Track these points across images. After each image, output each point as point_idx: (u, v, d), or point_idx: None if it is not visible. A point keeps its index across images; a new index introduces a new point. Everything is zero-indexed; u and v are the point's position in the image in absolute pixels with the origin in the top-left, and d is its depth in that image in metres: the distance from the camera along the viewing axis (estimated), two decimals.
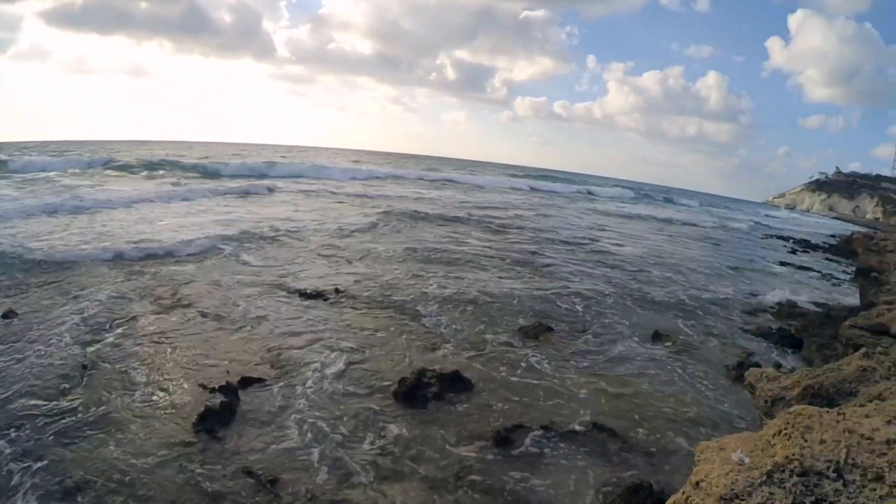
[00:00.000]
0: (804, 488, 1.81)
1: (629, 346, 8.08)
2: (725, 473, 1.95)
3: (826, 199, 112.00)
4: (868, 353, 4.82)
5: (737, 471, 1.94)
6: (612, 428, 5.45)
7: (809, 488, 1.82)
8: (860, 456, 1.88)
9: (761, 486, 1.83)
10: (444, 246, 14.38)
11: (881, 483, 1.80)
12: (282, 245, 12.68)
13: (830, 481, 1.83)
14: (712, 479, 1.96)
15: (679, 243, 22.37)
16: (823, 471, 1.86)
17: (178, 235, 12.33)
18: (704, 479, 1.99)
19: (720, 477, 1.94)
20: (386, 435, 5.13)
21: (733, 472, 1.93)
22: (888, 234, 41.42)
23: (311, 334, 7.38)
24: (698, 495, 1.96)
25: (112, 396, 5.40)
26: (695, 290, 12.62)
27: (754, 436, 2.17)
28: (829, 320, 10.24)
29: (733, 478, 1.89)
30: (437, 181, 42.18)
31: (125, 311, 7.59)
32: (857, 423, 2.02)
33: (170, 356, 6.44)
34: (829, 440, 1.94)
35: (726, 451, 2.09)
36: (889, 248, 25.01)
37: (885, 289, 13.76)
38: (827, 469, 1.85)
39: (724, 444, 2.17)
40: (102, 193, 17.92)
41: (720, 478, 1.93)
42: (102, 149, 41.00)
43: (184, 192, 20.17)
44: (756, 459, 1.97)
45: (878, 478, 1.82)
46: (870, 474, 1.84)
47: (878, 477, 1.82)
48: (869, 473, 1.84)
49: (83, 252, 10.11)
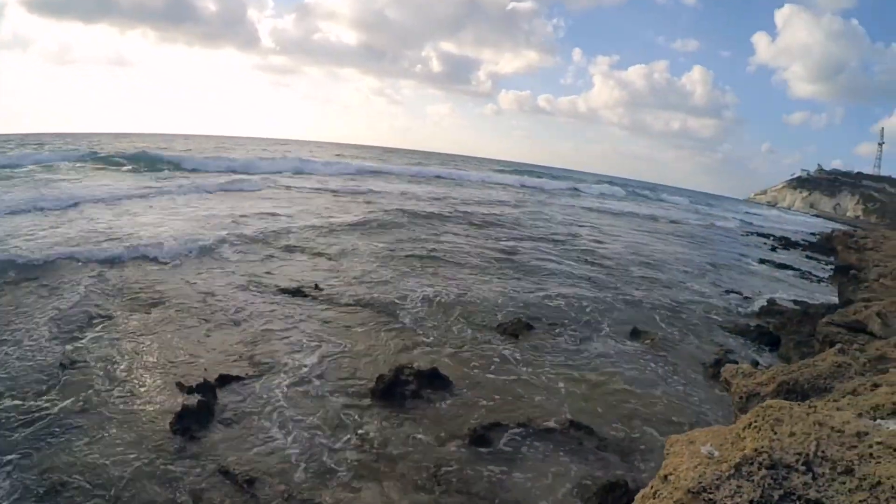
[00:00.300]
0: (773, 481, 1.78)
1: (607, 343, 8.09)
2: (694, 467, 1.91)
3: (807, 197, 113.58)
4: (843, 350, 4.84)
5: (705, 464, 1.90)
6: (588, 425, 5.44)
7: (778, 481, 1.78)
8: (830, 449, 1.86)
9: (729, 480, 1.80)
10: (426, 244, 14.29)
11: (851, 476, 1.78)
12: (263, 243, 12.50)
13: (799, 474, 1.80)
14: (680, 473, 1.92)
15: (661, 240, 22.53)
16: (792, 464, 1.82)
17: (157, 233, 11.99)
18: (673, 473, 1.96)
19: (688, 470, 1.91)
20: (364, 433, 5.08)
21: (702, 466, 1.90)
22: (868, 231, 42.10)
23: (290, 332, 7.29)
24: (666, 489, 1.92)
25: (89, 397, 5.30)
26: (674, 288, 12.70)
27: (724, 429, 2.14)
28: (807, 318, 10.30)
29: (701, 471, 1.86)
30: (424, 177, 41.75)
31: (103, 311, 7.42)
32: (827, 416, 1.99)
33: (147, 355, 6.33)
34: (799, 433, 1.91)
35: (696, 444, 2.06)
36: (868, 246, 25.42)
37: (864, 286, 13.96)
38: (796, 462, 1.82)
39: (694, 437, 2.14)
40: (82, 189, 17.31)
41: (688, 471, 1.90)
42: (84, 141, 40.20)
43: (164, 188, 19.58)
44: (725, 453, 1.94)
45: (847, 471, 1.79)
46: (839, 467, 1.81)
47: (848, 470, 1.79)
48: (839, 466, 1.81)
49: (60, 251, 9.73)
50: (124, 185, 19.85)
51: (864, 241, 28.84)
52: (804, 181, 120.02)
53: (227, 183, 22.82)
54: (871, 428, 1.99)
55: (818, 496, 1.73)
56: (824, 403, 2.17)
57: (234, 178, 24.53)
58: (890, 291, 11.76)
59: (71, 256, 9.61)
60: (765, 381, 4.25)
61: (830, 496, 1.73)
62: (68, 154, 28.04)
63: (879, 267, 16.03)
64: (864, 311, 7.82)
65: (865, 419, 2.06)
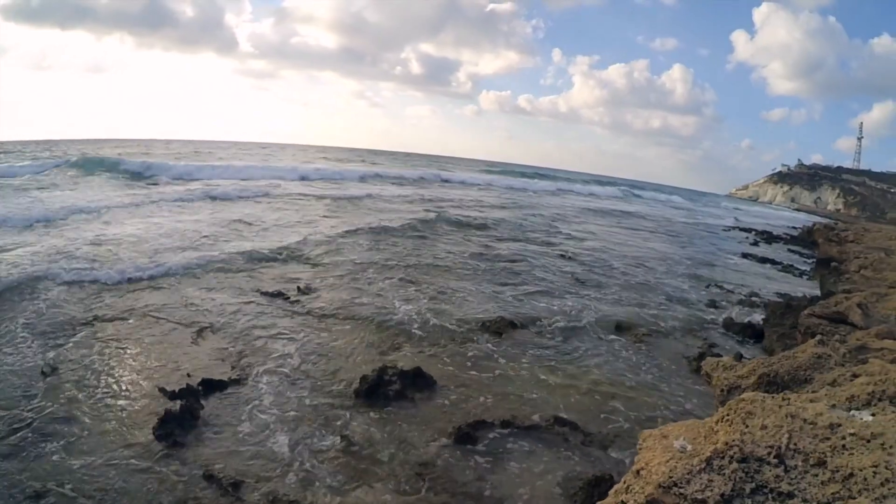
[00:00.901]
0: (744, 475, 1.78)
1: (591, 339, 8.11)
2: (666, 461, 1.91)
3: (788, 191, 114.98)
4: (822, 341, 4.89)
5: (677, 458, 1.90)
6: (573, 421, 5.45)
7: (749, 474, 1.78)
8: (802, 441, 1.86)
9: (700, 474, 1.79)
10: (411, 244, 14.26)
11: (823, 468, 1.78)
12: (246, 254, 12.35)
13: (771, 467, 1.80)
14: (652, 467, 1.92)
15: (643, 237, 22.65)
16: (764, 456, 1.82)
17: (133, 249, 11.14)
18: (645, 468, 1.95)
19: (660, 465, 1.90)
20: (348, 435, 5.05)
21: (673, 460, 1.89)
22: (848, 224, 42.64)
23: (273, 334, 7.23)
24: (638, 483, 1.91)
25: (70, 404, 5.22)
26: (657, 283, 12.77)
27: (698, 423, 2.14)
28: (789, 310, 10.38)
29: (672, 465, 1.85)
30: (408, 180, 41.25)
31: (83, 319, 7.28)
32: (800, 408, 2.00)
33: (130, 361, 6.26)
34: (771, 426, 1.91)
35: (669, 438, 2.05)
36: (849, 239, 25.71)
37: (845, 278, 14.13)
38: (768, 455, 1.82)
39: (667, 431, 2.14)
40: (55, 200, 16.21)
41: (660, 465, 1.90)
42: (60, 149, 39.38)
43: (144, 197, 18.52)
44: (698, 447, 1.94)
45: (820, 463, 1.80)
46: (812, 459, 1.81)
47: (821, 462, 1.80)
48: (811, 458, 1.82)
49: (28, 271, 8.93)
50: (93, 196, 18.24)
51: (844, 233, 29.18)
52: (785, 176, 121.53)
53: (208, 191, 21.41)
54: (845, 419, 1.99)
55: (790, 489, 1.73)
56: (797, 396, 2.17)
57: (210, 185, 23.45)
58: (870, 282, 11.91)
59: (42, 277, 8.74)
60: (745, 373, 4.28)
61: (803, 489, 1.73)
62: (47, 163, 26.68)
63: (860, 258, 16.21)
64: (845, 303, 7.89)
65: (839, 410, 2.07)
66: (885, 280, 11.78)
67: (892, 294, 9.73)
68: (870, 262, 15.08)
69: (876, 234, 26.98)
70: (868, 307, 7.78)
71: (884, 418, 2.06)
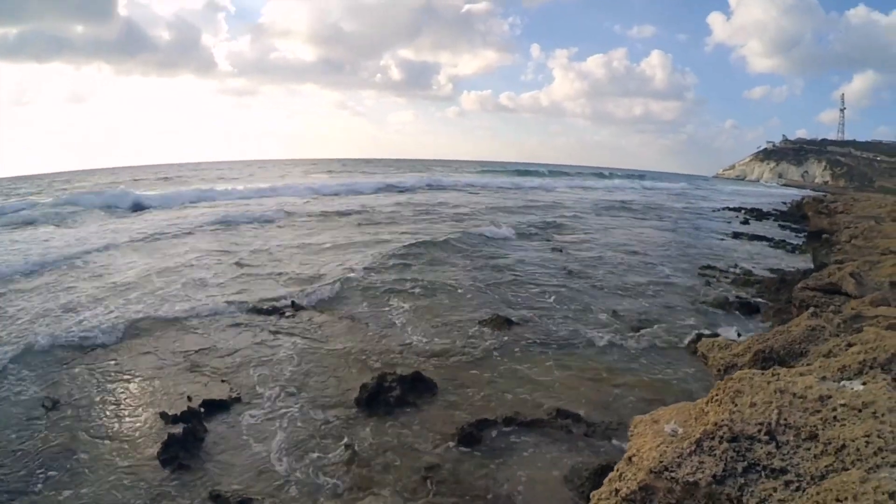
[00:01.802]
0: (735, 454, 1.78)
1: (588, 329, 8.11)
2: (657, 446, 1.91)
3: (775, 167, 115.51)
4: (816, 313, 4.91)
5: (668, 442, 1.90)
6: (576, 413, 5.44)
7: (741, 453, 1.78)
8: (792, 416, 1.86)
9: (691, 456, 1.79)
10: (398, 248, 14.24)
11: (815, 441, 1.78)
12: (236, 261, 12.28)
13: (762, 444, 1.80)
14: (643, 453, 1.92)
15: (634, 222, 22.71)
16: (755, 434, 1.83)
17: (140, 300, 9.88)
18: (636, 454, 1.96)
19: (651, 450, 1.90)
20: (352, 444, 5.03)
21: (664, 445, 1.89)
22: (837, 196, 42.90)
23: (270, 350, 7.20)
24: (630, 470, 1.92)
25: (75, 435, 5.19)
26: (650, 268, 12.80)
27: (689, 406, 2.14)
28: (784, 285, 10.45)
29: (663, 450, 1.85)
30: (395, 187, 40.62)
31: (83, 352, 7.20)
32: (789, 383, 2.00)
33: (129, 390, 6.21)
34: (760, 402, 1.91)
35: (660, 423, 2.05)
36: (839, 210, 25.90)
37: (836, 249, 14.23)
38: (758, 432, 1.83)
39: (658, 416, 2.14)
40: (50, 242, 14.79)
41: (651, 451, 1.90)
42: (44, 183, 39.10)
43: (146, 230, 16.80)
44: (689, 429, 1.94)
45: (811, 436, 1.80)
46: (803, 433, 1.81)
47: (812, 435, 1.80)
48: (802, 433, 1.82)
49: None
50: (105, 231, 17.22)
51: (834, 205, 29.43)
52: (770, 153, 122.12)
53: (196, 221, 19.33)
54: (835, 390, 2.00)
55: (783, 465, 1.73)
56: (787, 370, 2.17)
57: (196, 212, 22.13)
58: (862, 251, 12.00)
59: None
60: (741, 351, 4.30)
61: (796, 464, 1.73)
62: (24, 204, 24.11)
63: (850, 229, 16.34)
64: (838, 273, 7.95)
65: (829, 382, 2.07)
66: (877, 248, 11.87)
67: (885, 261, 9.80)
68: (860, 231, 15.18)
69: (865, 203, 27.19)
70: (861, 276, 7.83)
71: (875, 386, 2.06)
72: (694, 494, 1.73)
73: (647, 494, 1.80)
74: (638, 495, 1.82)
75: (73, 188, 31.97)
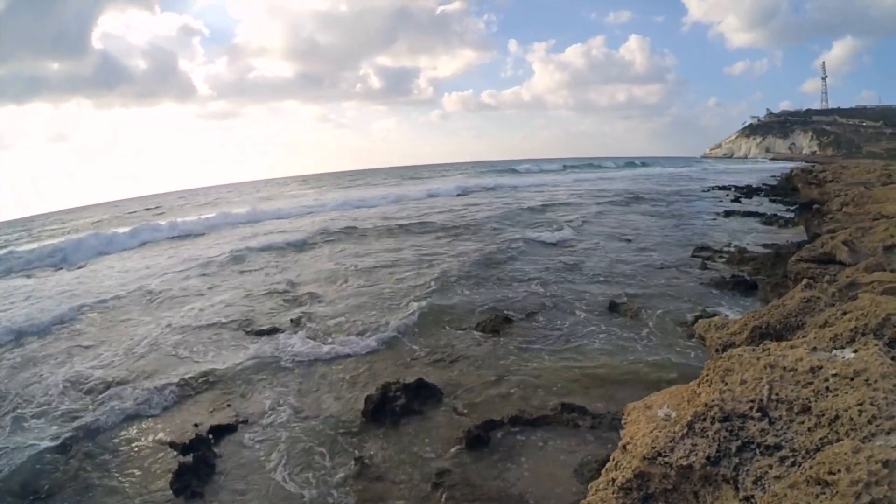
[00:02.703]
0: (728, 433, 1.78)
1: (586, 321, 8.12)
2: (650, 432, 1.90)
3: (762, 142, 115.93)
4: (810, 284, 4.90)
5: (661, 427, 1.90)
6: (581, 405, 5.44)
7: (734, 432, 1.78)
8: (784, 390, 1.86)
9: (683, 439, 1.79)
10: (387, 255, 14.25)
11: (808, 414, 1.78)
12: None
13: (755, 421, 1.80)
14: (637, 440, 1.92)
15: (622, 207, 22.81)
16: (747, 412, 1.82)
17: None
18: (630, 441, 1.95)
19: (644, 436, 1.90)
20: (361, 457, 5.03)
21: (657, 430, 1.89)
22: (826, 165, 43.01)
23: (272, 369, 7.19)
24: (625, 458, 1.92)
25: (85, 472, 5.21)
26: (644, 253, 12.85)
27: (682, 388, 2.14)
28: (779, 259, 10.47)
29: (655, 435, 1.85)
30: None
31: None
32: (779, 357, 2.00)
33: (139, 423, 6.17)
34: (751, 379, 1.91)
35: (653, 408, 2.05)
36: (828, 179, 25.97)
37: (828, 218, 14.23)
38: (750, 409, 1.82)
39: (651, 401, 2.14)
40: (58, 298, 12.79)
41: (644, 437, 1.89)
42: (36, 225, 38.83)
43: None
44: (682, 412, 1.93)
45: (804, 409, 1.80)
46: (796, 407, 1.81)
47: (805, 408, 1.80)
48: (795, 406, 1.81)
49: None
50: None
51: (823, 174, 29.49)
52: (756, 128, 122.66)
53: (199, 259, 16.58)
54: (826, 361, 1.99)
55: (777, 440, 1.73)
56: (777, 344, 2.17)
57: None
58: (854, 218, 12.01)
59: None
60: (737, 329, 4.29)
61: (790, 438, 1.73)
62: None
63: (840, 197, 16.35)
64: (831, 242, 7.96)
65: (820, 353, 2.07)
66: (868, 213, 11.88)
67: (877, 226, 9.81)
68: (851, 198, 15.19)
69: (854, 171, 27.24)
70: (854, 243, 7.84)
71: (866, 353, 2.05)
72: (689, 478, 1.73)
73: (643, 481, 1.80)
74: (634, 483, 1.82)
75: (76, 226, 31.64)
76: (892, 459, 1.42)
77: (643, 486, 1.81)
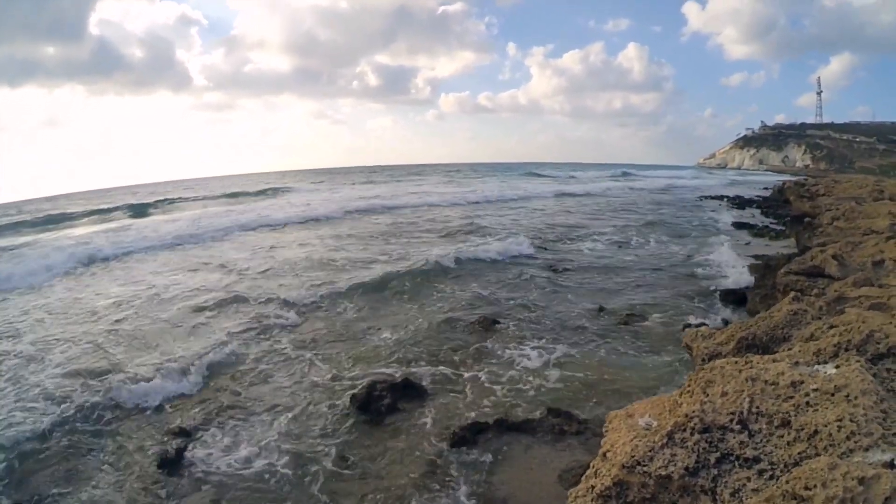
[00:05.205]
0: (707, 445, 1.79)
1: (576, 326, 8.15)
2: (630, 440, 1.91)
3: (755, 154, 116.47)
4: (797, 297, 4.93)
5: (641, 436, 1.90)
6: (567, 411, 5.45)
7: (713, 444, 1.79)
8: (764, 403, 1.87)
9: (662, 449, 1.80)
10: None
11: (788, 428, 1.79)
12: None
13: (735, 434, 1.81)
14: (617, 448, 1.92)
15: (612, 212, 22.88)
16: (727, 424, 1.83)
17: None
18: (610, 449, 1.96)
19: (624, 445, 1.91)
20: (344, 455, 5.03)
21: (637, 439, 1.90)
22: (818, 179, 43.26)
23: (259, 365, 7.17)
24: (605, 466, 1.92)
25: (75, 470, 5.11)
26: (635, 260, 12.90)
27: (664, 398, 2.15)
28: (769, 270, 10.50)
29: (635, 444, 1.86)
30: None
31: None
32: (761, 370, 2.01)
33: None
34: (732, 391, 1.92)
35: (634, 417, 2.06)
36: (820, 192, 26.10)
37: (819, 231, 14.30)
38: (730, 422, 1.83)
39: (633, 410, 2.14)
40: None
41: (624, 445, 1.90)
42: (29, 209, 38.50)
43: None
44: (663, 422, 1.94)
45: (784, 423, 1.81)
46: (776, 421, 1.82)
47: (785, 422, 1.81)
48: (775, 420, 1.83)
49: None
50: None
51: (815, 188, 29.64)
52: (750, 139, 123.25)
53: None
54: (807, 375, 2.01)
55: (755, 453, 1.74)
56: (760, 357, 2.18)
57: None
58: (844, 233, 12.07)
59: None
60: (724, 340, 4.31)
61: (769, 452, 1.74)
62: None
63: (832, 210, 16.44)
64: (821, 256, 8.00)
65: (801, 367, 2.08)
66: (859, 228, 11.94)
67: (867, 241, 9.86)
68: (842, 212, 15.28)
69: (846, 185, 27.40)
70: (843, 257, 7.88)
71: (848, 369, 2.07)
72: (668, 488, 1.74)
73: (622, 490, 1.81)
74: (612, 491, 1.82)
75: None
76: (867, 476, 1.43)
77: (622, 495, 1.81)
